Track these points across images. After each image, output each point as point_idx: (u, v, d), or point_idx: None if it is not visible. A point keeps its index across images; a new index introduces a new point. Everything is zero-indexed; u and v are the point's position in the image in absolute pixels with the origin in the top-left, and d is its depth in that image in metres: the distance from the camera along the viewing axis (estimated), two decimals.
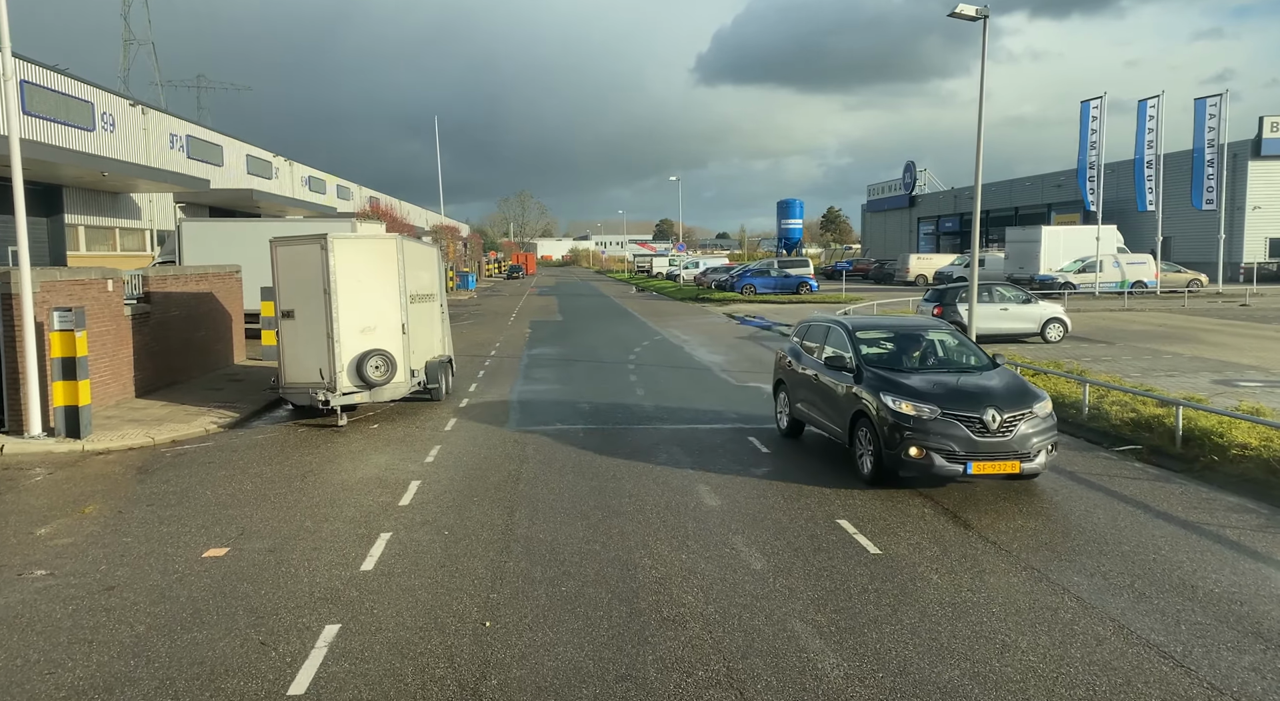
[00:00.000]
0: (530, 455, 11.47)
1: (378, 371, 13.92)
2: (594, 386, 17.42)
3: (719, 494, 9.58)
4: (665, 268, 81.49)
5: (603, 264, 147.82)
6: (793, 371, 12.15)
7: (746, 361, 21.23)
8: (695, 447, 11.84)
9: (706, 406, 15.03)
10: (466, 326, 31.75)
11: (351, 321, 13.85)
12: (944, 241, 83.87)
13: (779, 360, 13.00)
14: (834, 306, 38.80)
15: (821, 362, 11.12)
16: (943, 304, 23.82)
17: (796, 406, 11.90)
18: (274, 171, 51.29)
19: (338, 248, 13.74)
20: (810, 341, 12.11)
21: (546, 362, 21.34)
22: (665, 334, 28.50)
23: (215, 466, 11.15)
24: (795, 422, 12.17)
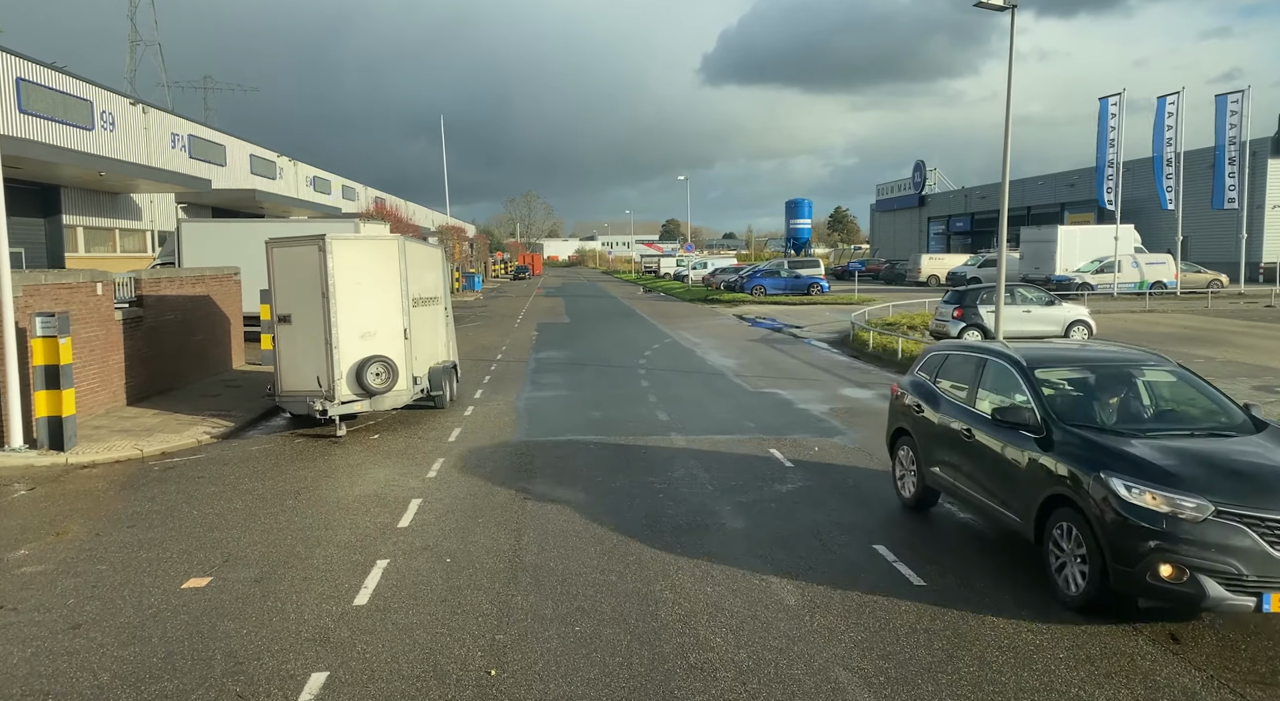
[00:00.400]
0: (539, 470, 10.79)
1: (378, 379, 13.26)
2: (604, 393, 16.73)
3: (742, 514, 8.88)
4: (673, 268, 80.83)
5: (609, 264, 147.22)
6: (923, 419, 8.74)
7: (761, 365, 20.53)
8: (714, 462, 11.14)
9: (723, 415, 14.33)
10: (472, 329, 31.10)
11: (351, 326, 13.20)
12: (955, 241, 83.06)
13: (897, 401, 9.62)
14: (847, 308, 38.05)
15: (979, 413, 7.89)
16: (963, 306, 23.07)
17: (933, 471, 8.49)
18: (278, 172, 50.76)
19: (336, 249, 13.09)
20: (952, 379, 8.69)
21: (554, 367, 20.66)
22: (675, 336, 27.81)
23: (204, 482, 10.49)
24: (928, 491, 8.78)
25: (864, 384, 17.73)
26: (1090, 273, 40.50)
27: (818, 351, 23.65)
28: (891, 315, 29.96)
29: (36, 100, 26.14)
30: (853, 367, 20.37)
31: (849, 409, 14.83)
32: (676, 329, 30.54)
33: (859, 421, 13.70)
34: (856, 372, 19.47)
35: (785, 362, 21.16)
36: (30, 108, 25.81)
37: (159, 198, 34.36)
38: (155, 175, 28.21)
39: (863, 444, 12.09)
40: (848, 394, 16.48)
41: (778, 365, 20.66)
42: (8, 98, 24.82)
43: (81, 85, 28.95)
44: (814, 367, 20.27)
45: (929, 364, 9.35)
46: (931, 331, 23.86)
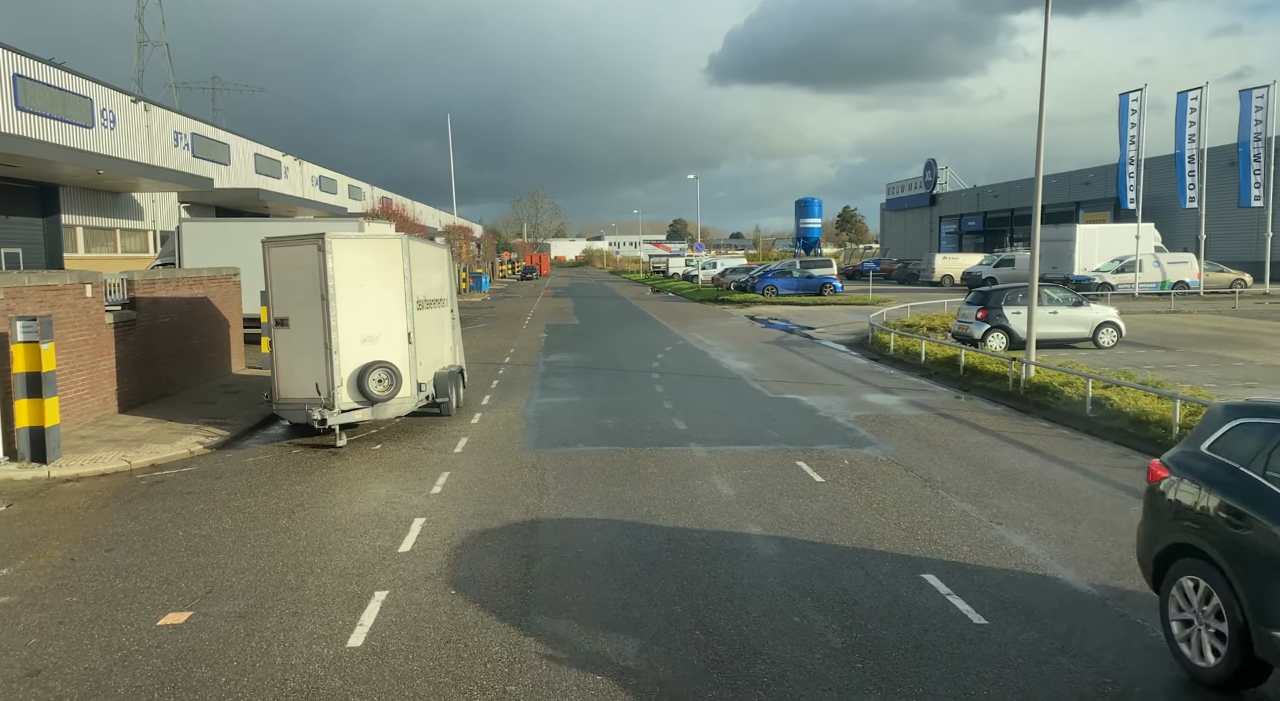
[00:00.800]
0: (551, 485, 10.06)
1: (380, 386, 12.56)
2: (617, 399, 16.00)
3: (774, 538, 8.14)
4: (681, 268, 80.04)
5: (617, 264, 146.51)
6: (1245, 539, 5.12)
7: (779, 369, 19.76)
8: (738, 476, 10.40)
9: (743, 423, 13.58)
10: (479, 331, 30.41)
11: (352, 330, 12.50)
12: (967, 240, 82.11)
13: (1167, 495, 5.87)
14: (862, 308, 37.26)
15: None
16: (987, 307, 22.27)
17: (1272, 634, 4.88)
18: (283, 171, 50.19)
19: (336, 248, 12.39)
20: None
21: (565, 371, 19.94)
22: (688, 338, 27.07)
23: (193, 497, 9.80)
24: (1255, 663, 5.10)
25: (888, 389, 16.96)
26: (1110, 272, 39.61)
27: (836, 354, 22.88)
28: (910, 316, 29.16)
29: (34, 97, 25.55)
30: (874, 371, 19.60)
31: (876, 417, 14.06)
32: (688, 330, 29.80)
33: (888, 431, 12.94)
34: (879, 377, 18.69)
35: (804, 366, 20.40)
36: (27, 105, 25.21)
37: (161, 197, 33.78)
38: (155, 174, 27.60)
39: (895, 456, 11.34)
40: (873, 400, 15.71)
41: (796, 369, 19.91)
42: (4, 94, 24.23)
43: (81, 82, 28.36)
44: (834, 372, 19.50)
45: (1241, 437, 5.57)
46: (953, 333, 23.08)
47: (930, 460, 11.11)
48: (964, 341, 21.97)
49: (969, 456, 11.32)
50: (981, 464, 10.92)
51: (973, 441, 12.24)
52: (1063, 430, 13.04)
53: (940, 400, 15.70)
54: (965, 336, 22.23)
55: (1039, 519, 8.66)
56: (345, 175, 64.25)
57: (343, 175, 63.52)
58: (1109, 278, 39.06)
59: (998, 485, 9.93)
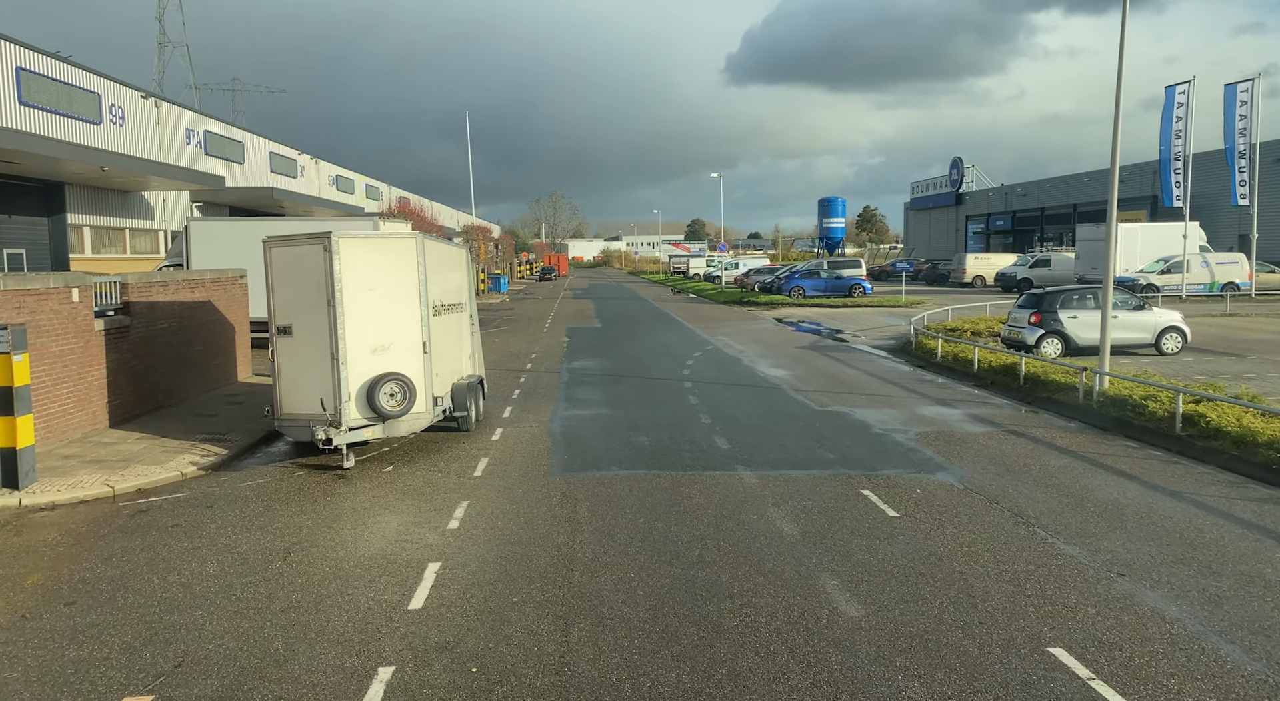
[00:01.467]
0: (584, 520, 8.79)
1: (393, 401, 11.34)
2: (649, 411, 14.71)
3: (856, 594, 6.82)
4: (702, 268, 78.71)
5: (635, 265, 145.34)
6: None
7: (819, 377, 18.41)
8: (797, 509, 9.08)
9: (792, 442, 12.26)
10: (499, 334, 29.21)
11: (361, 339, 11.29)
12: (994, 240, 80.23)
13: None
14: (895, 311, 35.78)
15: None
16: (1041, 311, 20.80)
17: None
18: (299, 170, 49.27)
19: (344, 249, 11.18)
20: None
21: (590, 379, 18.68)
22: (716, 342, 25.74)
23: (178, 533, 8.60)
24: None
25: (945, 401, 15.57)
26: (1155, 273, 37.87)
27: (878, 361, 21.48)
28: (951, 319, 27.70)
29: (38, 91, 24.59)
30: (923, 380, 18.20)
31: (939, 434, 12.70)
32: (716, 334, 28.47)
33: (956, 451, 11.58)
34: (930, 387, 17.29)
35: (846, 374, 19.02)
36: (31, 100, 24.26)
37: (173, 196, 32.83)
38: (163, 171, 26.59)
39: (973, 483, 9.98)
40: (930, 414, 14.34)
41: (839, 378, 18.54)
42: (6, 88, 23.28)
43: (88, 76, 27.41)
44: (880, 380, 18.12)
45: None
46: (1003, 339, 21.63)
47: (1014, 489, 9.75)
48: (1015, 347, 20.53)
49: (1057, 484, 9.95)
50: (1075, 494, 9.54)
51: (1056, 465, 10.85)
52: (1153, 452, 11.62)
53: (1005, 414, 14.30)
54: (1017, 342, 20.79)
55: (1168, 569, 7.29)
56: (362, 174, 63.37)
57: (359, 174, 62.63)
58: (1154, 278, 37.33)
59: (1102, 521, 8.56)
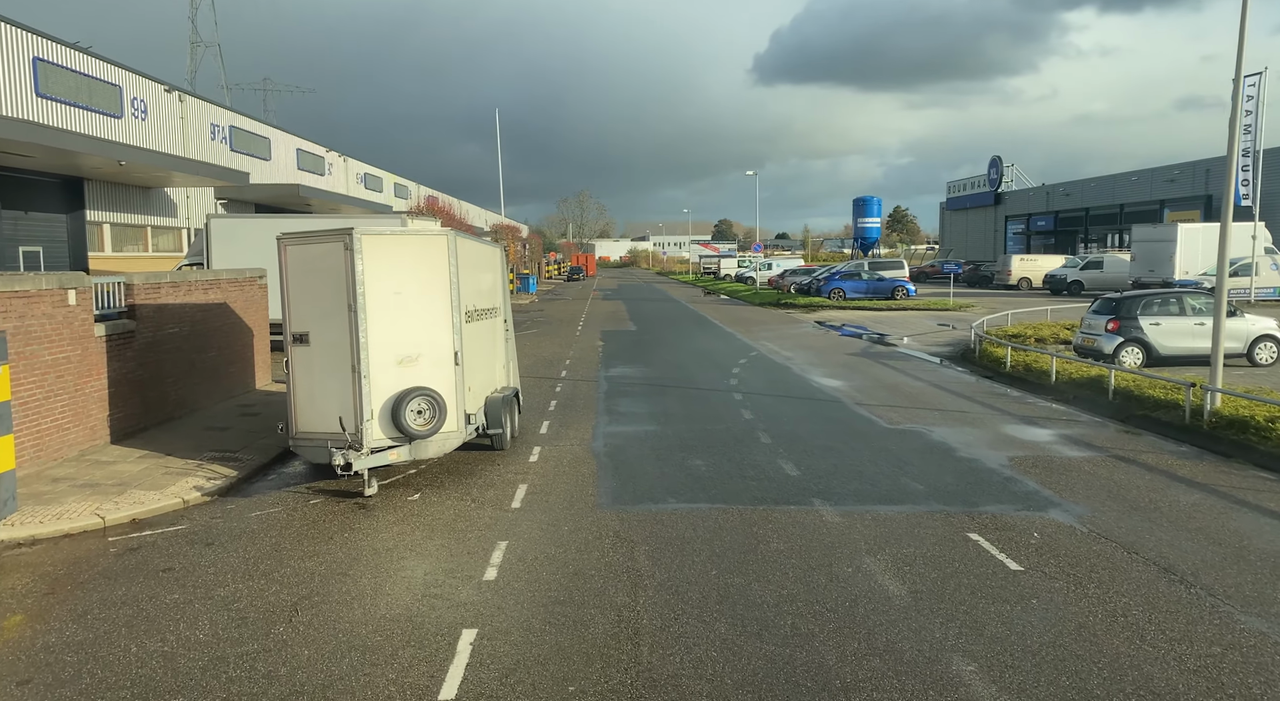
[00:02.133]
0: (645, 570, 7.41)
1: (420, 419, 10.04)
2: (700, 428, 13.31)
3: (1005, 689, 5.37)
4: (734, 269, 77.23)
5: (664, 265, 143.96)
6: None
7: (880, 389, 16.89)
8: (898, 558, 7.64)
9: (870, 468, 10.81)
10: (530, 337, 27.95)
11: (386, 349, 10.01)
12: (1035, 241, 77.98)
13: None
14: (944, 315, 34.08)
15: None
16: (1120, 317, 19.12)
17: None
18: (327, 167, 48.40)
19: (368, 247, 9.90)
20: None
21: (630, 388, 17.30)
22: (759, 347, 24.28)
23: (170, 580, 7.34)
24: None
25: (1028, 418, 14.02)
26: None
27: (940, 370, 19.91)
28: (1011, 325, 26.02)
29: (56, 83, 23.67)
30: (994, 393, 16.63)
31: (1035, 460, 11.18)
32: (757, 338, 27.00)
33: (1063, 482, 10.06)
34: (1005, 400, 15.73)
35: (909, 385, 17.49)
36: (49, 91, 23.34)
37: (197, 193, 31.92)
38: (182, 166, 25.59)
39: (1097, 525, 8.48)
40: (1017, 434, 12.81)
41: (902, 389, 17.01)
42: (22, 79, 22.36)
43: (109, 68, 26.50)
44: (949, 393, 16.57)
45: None
46: (1077, 347, 19.98)
47: (1150, 533, 8.23)
48: (1089, 356, 18.90)
49: (1200, 527, 8.42)
50: (1227, 542, 8.01)
51: (1188, 501, 9.31)
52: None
53: (1103, 436, 12.72)
54: (1092, 350, 19.15)
55: None
56: (391, 173, 62.54)
57: (389, 173, 61.79)
58: None
59: (1278, 581, 7.04)
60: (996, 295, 46.14)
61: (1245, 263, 35.58)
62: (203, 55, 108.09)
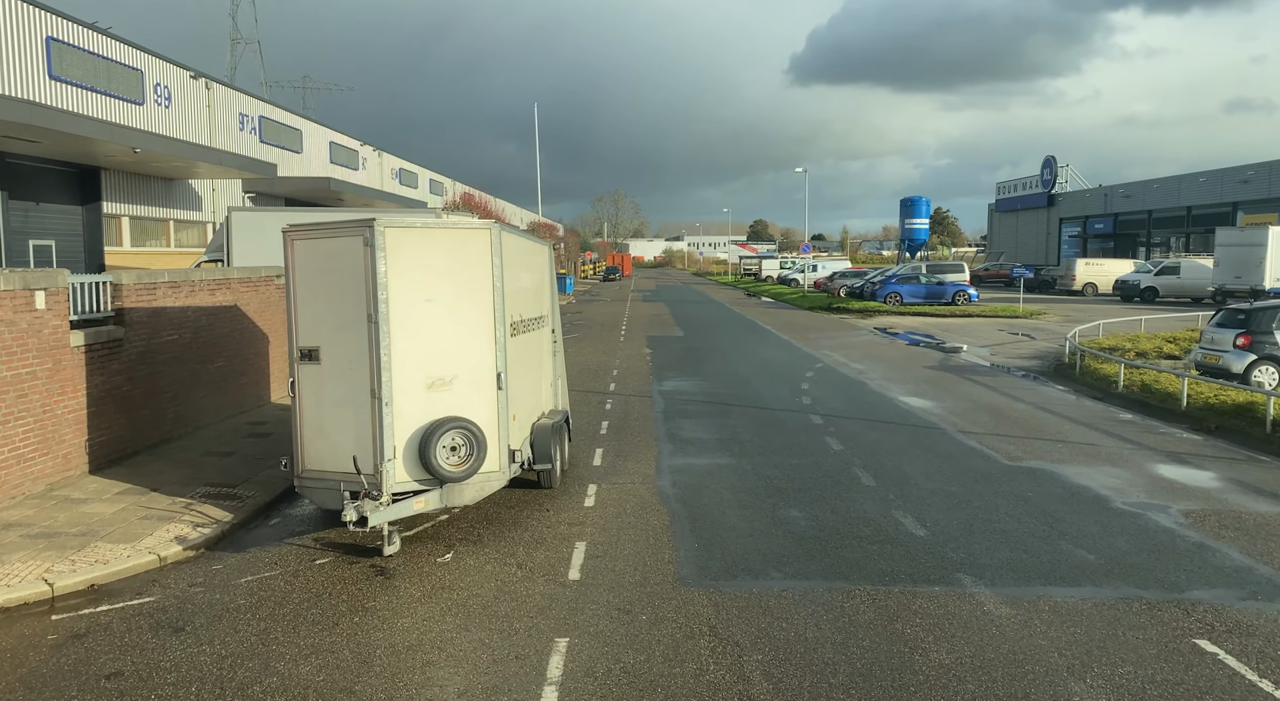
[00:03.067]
0: (765, 699, 5.30)
1: (455, 457, 8.05)
2: (783, 461, 11.18)
3: None
4: (776, 271, 74.74)
5: (700, 266, 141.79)
6: None
7: (979, 412, 14.62)
8: (1115, 685, 5.46)
9: (1011, 521, 8.61)
10: (571, 343, 25.98)
11: (414, 369, 8.03)
12: (1092, 244, 74.60)
13: None
14: (1013, 322, 31.54)
15: None
16: (1251, 332, 16.63)
17: None
18: (360, 162, 46.90)
19: (393, 243, 7.92)
20: None
21: (689, 407, 15.20)
22: (823, 358, 22.05)
23: (111, 697, 5.38)
24: None
25: (1174, 454, 11.70)
26: None
27: (1039, 389, 17.55)
28: (1102, 336, 23.52)
29: (71, 65, 22.13)
30: (1116, 419, 14.28)
31: (1217, 516, 8.91)
32: (818, 347, 24.76)
33: (1268, 548, 7.80)
34: (1134, 429, 13.39)
35: (1012, 408, 15.18)
36: (63, 73, 21.79)
37: (224, 185, 30.39)
38: (203, 155, 23.95)
39: None
40: (1174, 477, 10.51)
41: (1006, 413, 14.72)
42: (34, 59, 20.82)
43: (130, 52, 24.96)
44: (1062, 419, 14.26)
45: None
46: (1197, 364, 17.53)
47: None
48: (1212, 374, 16.49)
49: None
50: None
51: None
52: None
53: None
54: (1216, 369, 16.70)
55: None
56: (427, 169, 61.05)
57: (424, 169, 60.30)
58: None
59: None
60: (1064, 301, 43.37)
61: None
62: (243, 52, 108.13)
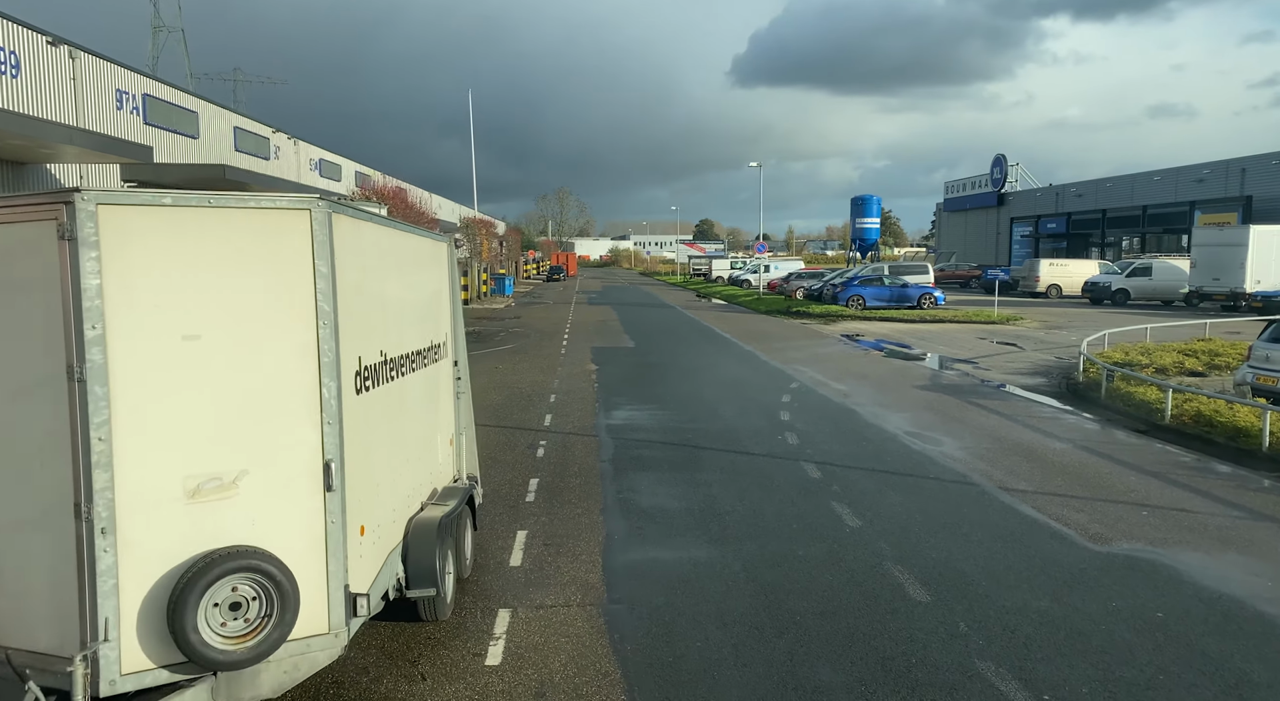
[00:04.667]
0: None
1: (238, 622, 4.45)
2: (787, 553, 7.78)
3: None
4: (727, 271, 71.83)
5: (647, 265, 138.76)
6: None
7: (1013, 456, 11.46)
8: None
9: (1158, 674, 5.34)
10: (503, 357, 22.32)
11: (161, 464, 4.40)
12: (1045, 244, 73.38)
13: None
14: (988, 328, 28.79)
15: None
16: None
17: None
18: (273, 150, 42.30)
19: (118, 231, 4.29)
20: None
21: (647, 451, 11.74)
22: (796, 375, 18.82)
23: None
24: None
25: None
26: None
27: (1063, 418, 14.51)
28: (1109, 348, 20.73)
29: None
30: (1182, 463, 11.22)
31: None
32: (788, 360, 21.55)
33: None
34: (1222, 483, 10.31)
35: (1047, 449, 12.04)
36: None
37: (96, 172, 25.94)
38: (45, 132, 19.65)
39: None
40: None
41: (1044, 457, 11.56)
42: None
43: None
44: (1117, 464, 11.14)
45: None
46: (1253, 386, 14.69)
47: None
48: (1267, 396, 13.65)
49: None
50: None
51: None
52: None
53: None
54: (1273, 392, 13.87)
55: None
56: (354, 160, 56.48)
57: (350, 160, 55.71)
58: None
59: None
60: (1033, 304, 41.07)
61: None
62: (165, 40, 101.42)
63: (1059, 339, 25.98)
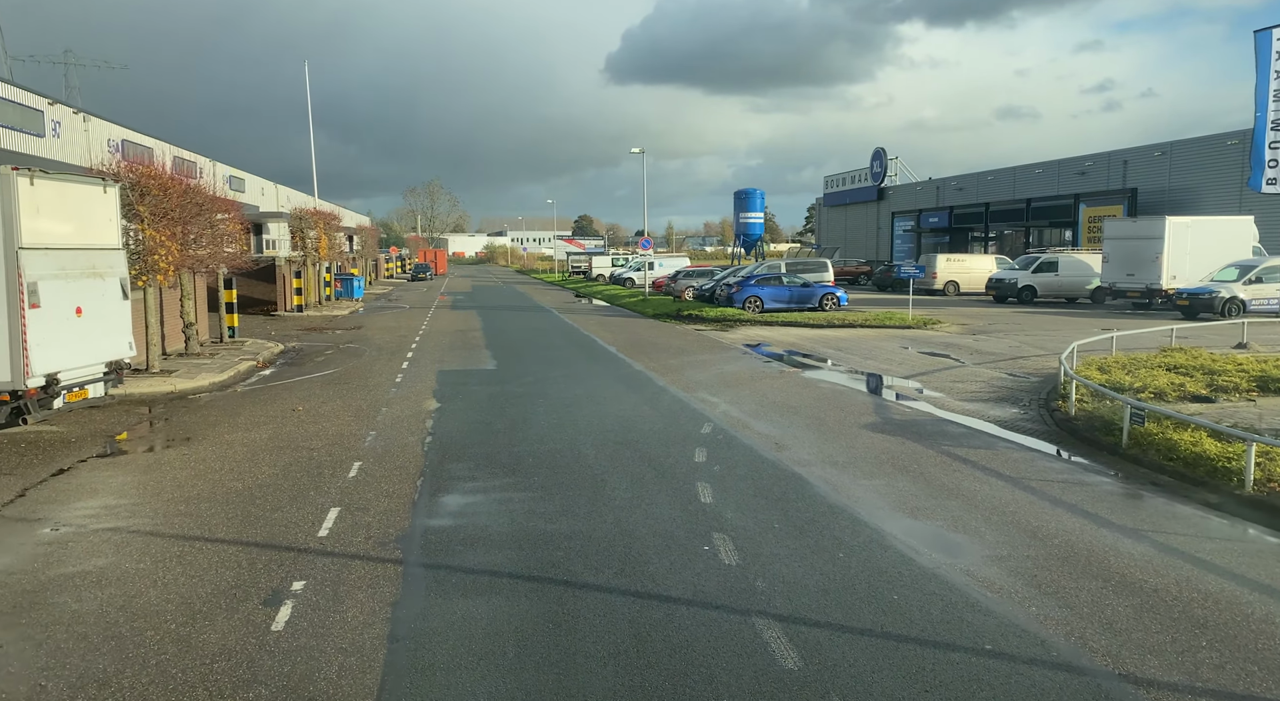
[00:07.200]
0: None
1: None
2: None
3: None
4: (608, 269, 67.06)
5: (524, 262, 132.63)
6: None
7: (1076, 573, 6.99)
8: None
9: None
10: (313, 389, 16.59)
11: None
12: (927, 239, 72.08)
13: None
14: (906, 334, 24.97)
15: None
16: None
17: None
18: (50, 127, 34.46)
19: None
20: None
21: (482, 609, 6.61)
22: (706, 411, 14.07)
23: None
24: None
25: None
26: (1236, 283, 28.47)
27: (1090, 482, 10.24)
28: (1080, 364, 16.89)
29: None
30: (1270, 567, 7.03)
31: None
32: (690, 386, 16.81)
33: None
34: None
35: (1112, 552, 7.61)
36: None
37: None
38: None
39: None
40: None
41: (1136, 583, 7.12)
42: None
43: None
44: (1233, 580, 6.82)
45: None
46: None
47: None
48: None
49: None
50: None
51: None
52: None
53: None
54: None
55: None
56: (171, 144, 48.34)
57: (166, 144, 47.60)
58: (1238, 291, 27.98)
59: None
60: (939, 303, 38.06)
61: (1269, 266, 28.46)
62: None
63: (992, 347, 22.37)
